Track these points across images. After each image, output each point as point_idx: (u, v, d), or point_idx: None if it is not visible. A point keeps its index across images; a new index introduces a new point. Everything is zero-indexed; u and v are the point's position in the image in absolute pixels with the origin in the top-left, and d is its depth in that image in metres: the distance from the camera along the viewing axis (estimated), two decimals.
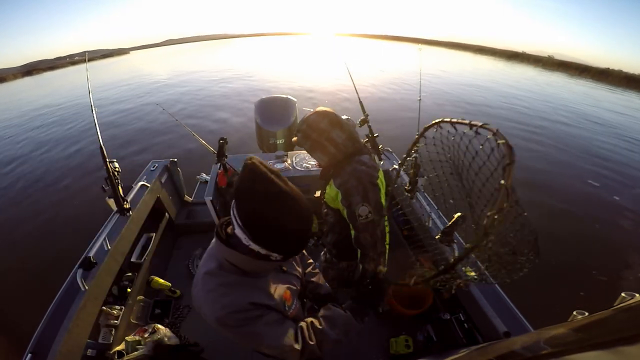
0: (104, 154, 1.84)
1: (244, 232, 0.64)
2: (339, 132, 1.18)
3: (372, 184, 1.14)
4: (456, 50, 69.36)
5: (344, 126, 1.20)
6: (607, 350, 0.45)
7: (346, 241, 1.28)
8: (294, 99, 2.80)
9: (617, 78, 31.24)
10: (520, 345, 0.84)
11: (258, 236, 0.64)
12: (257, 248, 0.66)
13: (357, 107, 2.49)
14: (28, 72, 60.30)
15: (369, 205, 1.11)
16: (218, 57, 36.55)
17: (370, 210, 1.11)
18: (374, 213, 1.11)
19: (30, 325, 1.34)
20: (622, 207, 4.74)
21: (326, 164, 1.26)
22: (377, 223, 1.14)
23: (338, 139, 1.18)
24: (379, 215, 1.14)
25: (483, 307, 1.37)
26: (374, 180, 1.16)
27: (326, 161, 1.24)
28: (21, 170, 6.50)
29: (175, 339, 1.67)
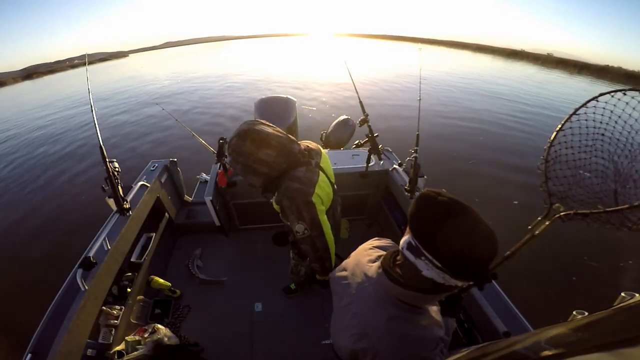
0: (104, 153, 1.84)
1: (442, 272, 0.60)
2: (266, 151, 1.10)
3: (305, 202, 1.15)
4: (455, 49, 69.37)
5: (271, 142, 1.10)
6: (608, 353, 0.45)
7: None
8: (293, 99, 2.80)
9: (617, 75, 31.33)
10: (520, 345, 0.84)
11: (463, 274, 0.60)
12: (455, 283, 0.62)
13: (357, 106, 2.49)
14: (28, 76, 60.29)
15: (304, 223, 1.17)
16: (217, 59, 36.58)
17: (306, 227, 1.18)
18: (310, 229, 1.18)
19: (30, 325, 1.34)
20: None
21: (262, 184, 1.21)
22: (316, 236, 1.22)
23: (267, 157, 1.11)
24: (316, 231, 1.20)
25: (483, 307, 1.37)
26: (307, 198, 1.15)
27: (261, 182, 1.18)
28: (21, 170, 6.50)
29: (175, 339, 1.67)
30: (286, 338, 1.94)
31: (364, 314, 0.75)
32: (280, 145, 1.13)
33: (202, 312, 2.10)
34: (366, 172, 2.43)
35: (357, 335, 0.75)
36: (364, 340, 0.73)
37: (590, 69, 34.63)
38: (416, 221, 0.62)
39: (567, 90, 17.52)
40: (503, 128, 8.23)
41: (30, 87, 31.71)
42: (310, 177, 1.19)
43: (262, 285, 2.29)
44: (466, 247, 0.57)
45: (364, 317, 0.75)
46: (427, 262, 0.60)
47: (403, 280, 0.68)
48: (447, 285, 0.62)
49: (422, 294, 0.66)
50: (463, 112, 9.61)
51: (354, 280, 0.83)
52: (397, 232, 2.41)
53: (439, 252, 0.58)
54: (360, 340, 0.74)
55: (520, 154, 6.55)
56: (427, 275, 0.61)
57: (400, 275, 0.69)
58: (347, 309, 0.81)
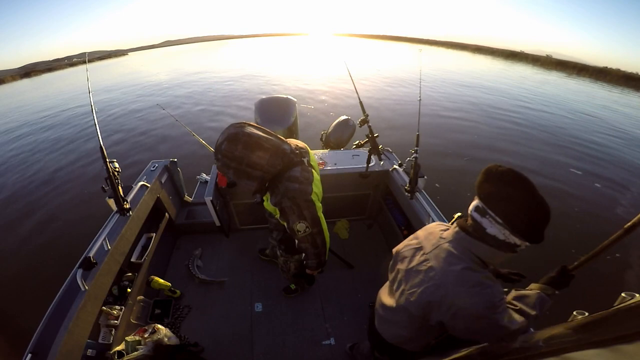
0: (104, 153, 1.84)
1: (504, 228, 0.73)
2: (259, 154, 1.06)
3: (306, 201, 1.17)
4: (454, 50, 69.42)
5: (263, 145, 1.07)
6: (606, 349, 0.45)
7: (290, 237, 1.36)
8: (294, 99, 2.80)
9: (616, 77, 31.34)
10: (520, 345, 0.84)
11: (520, 229, 0.72)
12: (514, 240, 0.74)
13: (357, 107, 2.49)
14: (26, 74, 60.13)
15: (306, 222, 1.18)
16: (217, 58, 36.55)
17: (307, 226, 1.19)
18: (311, 227, 1.20)
19: (30, 325, 1.34)
20: (625, 206, 4.75)
21: (257, 188, 1.21)
22: (317, 233, 1.24)
23: (261, 160, 1.07)
24: (316, 228, 1.22)
25: None
26: (307, 197, 1.17)
27: (255, 186, 1.15)
28: (21, 170, 6.49)
29: (175, 339, 1.67)
30: (286, 338, 1.94)
31: (440, 267, 0.84)
32: (273, 147, 1.10)
33: (202, 312, 2.10)
34: (366, 172, 2.44)
35: (434, 286, 0.82)
36: (440, 290, 0.81)
37: (590, 71, 34.69)
38: (481, 187, 0.76)
39: (566, 91, 17.53)
40: (502, 126, 8.25)
41: (28, 85, 31.63)
42: (307, 176, 1.19)
43: (262, 285, 2.29)
44: (522, 207, 0.70)
45: (440, 269, 0.83)
46: (490, 219, 0.74)
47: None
48: (507, 242, 0.74)
49: (491, 247, 0.77)
50: (463, 112, 9.61)
51: (428, 243, 0.93)
52: (397, 232, 2.41)
53: (500, 210, 0.72)
54: (436, 291, 0.82)
55: (520, 153, 6.57)
56: (491, 232, 0.75)
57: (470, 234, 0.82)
58: (419, 268, 0.89)
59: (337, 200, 2.68)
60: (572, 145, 7.41)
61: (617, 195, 5.16)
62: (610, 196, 5.10)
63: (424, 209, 1.97)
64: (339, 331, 1.98)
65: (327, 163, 2.54)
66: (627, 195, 5.13)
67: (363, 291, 2.24)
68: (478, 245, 0.79)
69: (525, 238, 0.73)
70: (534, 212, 0.71)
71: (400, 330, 1.00)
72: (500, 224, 0.73)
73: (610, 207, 4.78)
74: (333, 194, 2.62)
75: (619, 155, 7.09)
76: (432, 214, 1.88)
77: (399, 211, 2.44)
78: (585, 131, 8.81)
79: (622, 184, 5.55)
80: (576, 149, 7.15)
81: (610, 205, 4.82)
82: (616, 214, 4.62)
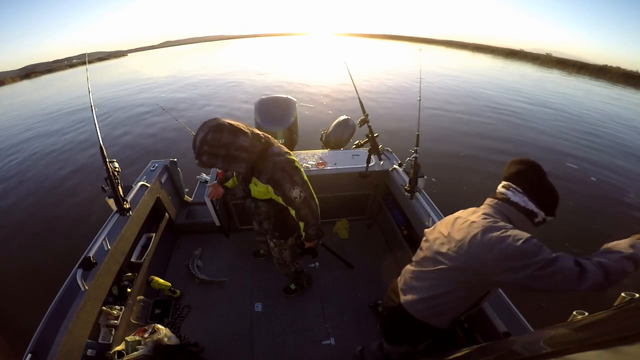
0: (104, 153, 1.84)
1: (523, 195, 0.94)
2: (243, 137, 1.18)
3: (293, 168, 1.32)
4: (454, 49, 69.42)
5: (243, 129, 1.20)
6: (607, 350, 0.45)
7: (281, 221, 1.57)
8: (294, 99, 2.80)
9: (616, 75, 31.27)
10: (520, 345, 0.84)
11: (542, 203, 0.93)
12: (531, 207, 0.93)
13: (357, 107, 2.49)
14: (26, 75, 59.95)
15: (298, 186, 1.31)
16: (217, 59, 36.55)
17: (300, 190, 1.32)
18: (303, 191, 1.33)
19: (30, 325, 1.34)
20: (627, 205, 4.75)
21: (245, 170, 1.29)
22: (310, 196, 1.37)
23: (245, 143, 1.19)
24: (307, 190, 1.36)
25: (483, 307, 1.37)
26: (293, 164, 1.32)
27: (244, 167, 1.26)
28: (20, 170, 6.50)
29: (175, 339, 1.67)
30: (286, 338, 1.94)
31: (480, 221, 0.96)
32: (250, 131, 1.24)
33: (202, 312, 2.10)
34: (366, 172, 2.43)
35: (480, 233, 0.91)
36: (485, 236, 0.89)
37: (589, 69, 34.64)
38: (506, 171, 1.01)
39: (565, 89, 17.53)
40: (501, 125, 8.25)
41: (28, 87, 31.62)
42: (284, 149, 1.35)
43: (262, 285, 2.29)
44: (536, 179, 0.95)
45: (481, 222, 0.95)
46: (513, 190, 0.96)
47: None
48: (527, 209, 0.93)
49: (518, 212, 0.94)
50: (463, 112, 9.61)
51: (464, 214, 1.06)
52: (397, 232, 2.41)
53: (518, 182, 0.95)
54: (482, 236, 0.90)
55: (519, 151, 6.56)
56: (514, 200, 0.95)
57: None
58: (462, 227, 0.98)
59: (337, 200, 2.67)
60: (569, 141, 7.46)
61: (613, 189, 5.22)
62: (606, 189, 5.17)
63: (424, 208, 1.97)
64: (339, 331, 1.98)
65: (327, 163, 2.54)
66: (627, 189, 5.15)
67: (363, 291, 2.24)
68: (508, 209, 0.96)
69: (537, 204, 0.93)
70: (540, 180, 0.95)
71: (436, 300, 1.04)
72: (520, 192, 0.94)
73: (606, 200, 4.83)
74: (333, 194, 2.62)
75: (616, 148, 7.16)
76: (432, 214, 1.87)
77: (399, 211, 2.43)
78: (584, 126, 8.82)
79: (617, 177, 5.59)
80: (573, 145, 7.19)
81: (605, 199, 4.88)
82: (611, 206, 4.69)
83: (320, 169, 2.47)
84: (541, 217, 0.94)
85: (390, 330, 1.34)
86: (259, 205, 1.54)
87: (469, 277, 0.94)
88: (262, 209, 1.55)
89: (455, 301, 1.02)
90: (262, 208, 1.55)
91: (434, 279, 1.03)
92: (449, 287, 1.00)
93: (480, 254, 0.87)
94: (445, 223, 1.08)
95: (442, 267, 0.99)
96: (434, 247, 1.06)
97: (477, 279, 0.93)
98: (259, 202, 1.52)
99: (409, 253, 2.25)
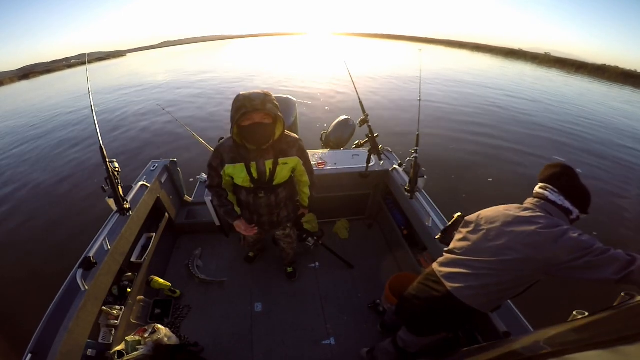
0: (104, 153, 1.84)
1: (558, 194, 1.06)
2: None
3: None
4: (453, 48, 69.37)
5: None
6: (607, 350, 0.45)
7: (294, 207, 1.79)
8: (293, 99, 2.79)
9: (614, 74, 31.21)
10: (520, 345, 0.84)
11: (577, 202, 1.05)
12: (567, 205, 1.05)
13: (357, 106, 2.49)
14: (25, 76, 59.66)
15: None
16: (216, 58, 36.50)
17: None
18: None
19: (30, 325, 1.34)
20: (626, 205, 4.76)
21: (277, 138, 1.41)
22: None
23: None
24: None
25: None
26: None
27: (282, 131, 1.38)
28: (20, 170, 6.49)
29: (175, 339, 1.67)
30: (286, 338, 1.94)
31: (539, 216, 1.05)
32: None
33: (202, 312, 2.10)
34: (366, 172, 2.44)
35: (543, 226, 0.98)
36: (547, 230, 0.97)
37: (588, 68, 34.53)
38: (542, 174, 1.14)
39: (565, 88, 17.54)
40: (502, 124, 8.25)
41: (27, 87, 31.56)
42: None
43: (262, 285, 2.29)
44: (570, 180, 1.07)
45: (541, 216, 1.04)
46: (549, 190, 1.08)
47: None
48: (565, 207, 1.04)
49: (557, 209, 1.05)
50: (463, 112, 9.61)
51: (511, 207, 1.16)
52: (397, 232, 2.41)
53: (554, 182, 1.08)
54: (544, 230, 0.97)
55: (520, 151, 6.58)
56: (551, 199, 1.06)
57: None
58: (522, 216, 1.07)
59: (337, 200, 2.68)
60: (567, 138, 7.49)
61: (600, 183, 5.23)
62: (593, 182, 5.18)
63: (424, 208, 1.97)
64: (339, 331, 1.98)
65: (327, 163, 2.54)
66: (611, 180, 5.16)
67: (363, 291, 2.24)
68: (549, 207, 1.06)
69: (572, 202, 1.04)
70: (573, 180, 1.07)
71: (490, 288, 1.08)
72: (557, 192, 1.06)
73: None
74: (333, 194, 2.62)
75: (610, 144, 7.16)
76: (432, 214, 1.88)
77: (399, 211, 2.44)
78: (584, 126, 8.83)
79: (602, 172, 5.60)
80: (571, 142, 7.20)
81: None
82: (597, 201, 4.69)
83: (320, 169, 2.47)
84: (576, 215, 1.05)
85: (428, 320, 1.30)
86: (279, 193, 1.57)
87: (530, 266, 0.99)
88: (282, 195, 1.59)
89: (508, 290, 1.07)
90: (281, 195, 1.58)
91: (492, 268, 1.07)
92: (508, 276, 1.04)
93: (547, 246, 0.94)
94: (495, 215, 1.16)
95: (504, 259, 1.03)
96: (490, 238, 1.11)
97: (538, 268, 0.98)
98: (278, 190, 1.55)
99: (408, 253, 2.25)
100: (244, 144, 1.35)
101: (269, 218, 1.68)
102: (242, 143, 1.35)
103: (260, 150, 1.38)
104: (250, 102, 1.21)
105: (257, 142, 1.32)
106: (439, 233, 1.51)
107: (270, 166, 1.44)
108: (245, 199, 1.58)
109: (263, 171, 1.44)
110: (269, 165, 1.43)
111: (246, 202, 1.60)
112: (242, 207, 1.65)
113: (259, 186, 1.49)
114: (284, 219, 1.75)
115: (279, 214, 1.69)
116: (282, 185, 1.55)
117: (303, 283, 2.31)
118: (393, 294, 1.82)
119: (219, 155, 1.43)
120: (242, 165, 1.40)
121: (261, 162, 1.42)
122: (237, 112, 1.22)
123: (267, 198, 1.56)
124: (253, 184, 1.48)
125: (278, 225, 1.79)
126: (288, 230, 1.97)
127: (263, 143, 1.34)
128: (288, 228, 1.95)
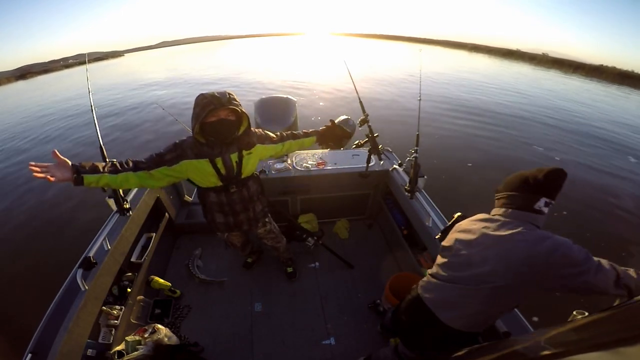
0: (104, 154, 1.84)
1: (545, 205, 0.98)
2: None
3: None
4: (451, 49, 69.42)
5: None
6: (608, 351, 0.45)
7: (266, 201, 1.81)
8: (294, 99, 2.79)
9: (611, 74, 31.34)
10: (520, 345, 0.84)
11: (538, 190, 0.98)
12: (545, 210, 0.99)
13: (356, 106, 2.48)
14: (22, 76, 59.57)
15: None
16: (215, 59, 36.51)
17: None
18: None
19: (30, 325, 1.34)
20: (626, 205, 4.77)
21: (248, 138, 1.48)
22: None
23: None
24: None
25: None
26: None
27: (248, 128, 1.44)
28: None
29: (175, 339, 1.67)
30: (286, 338, 1.95)
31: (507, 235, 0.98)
32: None
33: (202, 312, 2.10)
34: (366, 172, 2.43)
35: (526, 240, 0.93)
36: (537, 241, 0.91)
37: (585, 69, 34.67)
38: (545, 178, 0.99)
39: (564, 88, 17.56)
40: (500, 123, 8.27)
41: (24, 87, 31.48)
42: None
43: (262, 285, 2.29)
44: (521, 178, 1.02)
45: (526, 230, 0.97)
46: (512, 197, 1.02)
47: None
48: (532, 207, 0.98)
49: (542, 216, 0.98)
50: (463, 112, 9.61)
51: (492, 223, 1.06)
52: (397, 232, 2.41)
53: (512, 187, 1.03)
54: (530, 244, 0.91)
55: (520, 150, 6.59)
56: (537, 207, 0.98)
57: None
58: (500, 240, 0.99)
59: (337, 200, 2.68)
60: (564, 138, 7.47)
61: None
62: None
63: (424, 208, 1.97)
64: (339, 331, 1.98)
65: (327, 163, 2.54)
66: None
67: (363, 291, 2.24)
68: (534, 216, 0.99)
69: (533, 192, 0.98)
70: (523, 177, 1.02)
71: (480, 315, 1.05)
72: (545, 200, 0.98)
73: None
74: (333, 194, 2.62)
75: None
76: (432, 214, 1.88)
77: (399, 211, 2.44)
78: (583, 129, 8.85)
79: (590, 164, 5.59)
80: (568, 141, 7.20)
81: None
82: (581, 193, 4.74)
83: (320, 168, 2.47)
84: (544, 202, 0.99)
85: (418, 338, 1.30)
86: (249, 186, 1.59)
87: (521, 290, 0.95)
88: (253, 189, 1.61)
89: (498, 313, 1.05)
90: (252, 188, 1.61)
91: (478, 296, 1.02)
92: (498, 301, 1.00)
93: (536, 268, 0.88)
94: (474, 238, 1.07)
95: (492, 286, 0.98)
96: (473, 265, 1.04)
97: (529, 290, 0.95)
98: (249, 183, 1.58)
99: (408, 253, 2.25)
100: (207, 141, 1.37)
101: (245, 215, 1.66)
102: (204, 141, 1.36)
103: (224, 145, 1.40)
104: (217, 100, 1.27)
105: (221, 137, 1.36)
106: (439, 233, 1.51)
107: (236, 159, 1.46)
108: (217, 200, 1.55)
109: (230, 165, 1.45)
110: (235, 158, 1.45)
111: (219, 203, 1.56)
112: (215, 211, 1.62)
113: (228, 182, 1.49)
114: (259, 213, 1.75)
115: (254, 208, 1.69)
116: (251, 178, 1.59)
117: (303, 283, 2.31)
118: (393, 294, 1.83)
119: (178, 149, 1.37)
120: (207, 161, 1.39)
121: (227, 157, 1.43)
122: (204, 109, 1.25)
123: (239, 192, 1.56)
124: (222, 181, 1.47)
125: (256, 221, 1.77)
126: (268, 226, 1.92)
127: (227, 137, 1.37)
128: (268, 223, 1.90)
